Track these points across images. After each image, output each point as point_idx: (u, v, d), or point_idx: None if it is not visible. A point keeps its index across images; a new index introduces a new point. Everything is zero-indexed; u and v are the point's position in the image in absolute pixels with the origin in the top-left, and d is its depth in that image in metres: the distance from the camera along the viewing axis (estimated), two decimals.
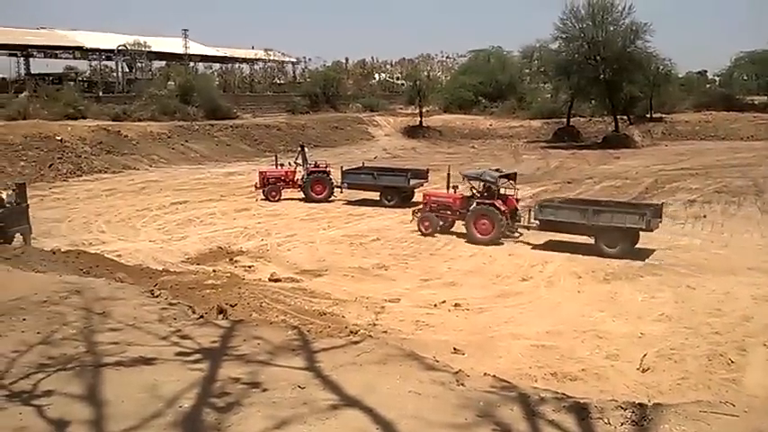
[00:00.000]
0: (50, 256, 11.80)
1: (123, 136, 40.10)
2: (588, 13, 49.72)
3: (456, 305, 13.56)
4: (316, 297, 13.83)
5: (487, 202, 19.57)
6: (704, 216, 22.82)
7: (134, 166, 37.35)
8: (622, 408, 4.62)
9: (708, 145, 48.80)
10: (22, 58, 58.92)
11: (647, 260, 16.94)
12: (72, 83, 53.94)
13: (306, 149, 28.21)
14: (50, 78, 54.54)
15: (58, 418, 4.18)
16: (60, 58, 62.48)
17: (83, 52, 58.54)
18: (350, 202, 26.18)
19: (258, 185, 26.93)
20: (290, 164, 27.67)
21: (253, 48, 72.90)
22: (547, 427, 4.34)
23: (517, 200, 20.61)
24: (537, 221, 19.10)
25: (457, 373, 5.27)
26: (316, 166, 27.16)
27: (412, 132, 57.48)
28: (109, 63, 61.16)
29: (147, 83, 53.79)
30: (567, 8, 50.19)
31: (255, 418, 4.26)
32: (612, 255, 17.42)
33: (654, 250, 17.85)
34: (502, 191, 20.08)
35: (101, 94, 51.69)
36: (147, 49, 57.96)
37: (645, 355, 10.41)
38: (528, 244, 19.26)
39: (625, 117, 54.30)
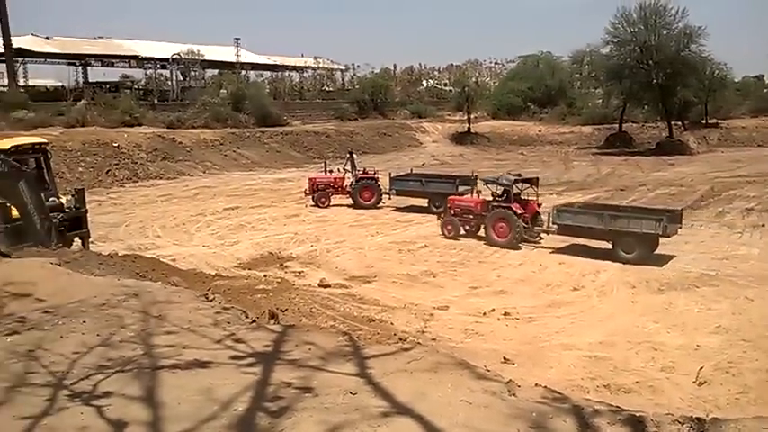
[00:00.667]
0: (108, 260, 12.14)
1: (178, 143, 41.12)
2: (640, 16, 48.84)
3: (505, 314, 13.47)
4: (365, 303, 13.91)
5: (504, 205, 19.95)
6: (762, 225, 22.10)
7: (188, 172, 38.22)
8: (679, 422, 4.50)
9: (765, 152, 47.28)
10: (80, 67, 61.02)
11: (702, 270, 16.48)
12: (128, 91, 55.51)
13: (354, 156, 28.40)
14: (107, 86, 56.27)
15: (117, 418, 4.30)
16: (117, 66, 64.43)
17: (138, 61, 60.25)
18: (398, 209, 26.26)
19: (308, 192, 27.25)
20: (338, 170, 27.91)
21: (302, 55, 73.94)
22: None
23: (539, 204, 20.82)
24: (555, 226, 19.35)
25: (508, 382, 5.21)
26: (364, 172, 27.36)
27: (460, 139, 57.29)
28: (164, 72, 62.92)
29: (201, 91, 55.02)
30: (618, 12, 49.50)
31: (308, 423, 4.30)
32: (629, 260, 17.50)
33: (706, 260, 17.40)
34: (524, 196, 20.60)
35: (156, 101, 53.08)
36: (201, 58, 59.27)
37: (701, 368, 10.14)
38: (548, 248, 19.43)
39: (679, 123, 53.03)
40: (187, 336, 6.09)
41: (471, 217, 21.02)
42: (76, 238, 16.07)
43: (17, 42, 47.62)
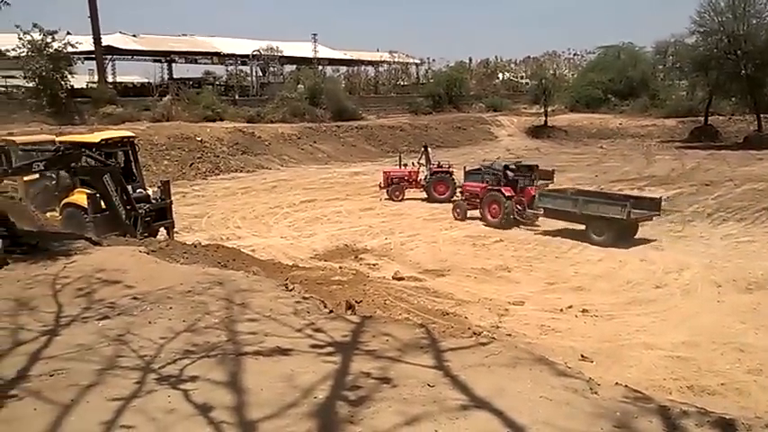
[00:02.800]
0: (192, 249, 12.56)
1: (257, 137, 42.13)
2: (728, 5, 46.39)
3: (583, 311, 13.17)
4: (438, 297, 13.88)
5: (496, 188, 22.19)
6: None
7: (266, 165, 39.12)
8: None
9: None
10: (165, 64, 63.25)
11: None
12: (210, 87, 57.09)
13: (429, 150, 28.35)
14: (191, 83, 58.11)
15: (203, 402, 4.45)
16: (200, 63, 66.36)
17: (220, 58, 61.82)
18: None
19: (382, 185, 27.40)
20: (413, 164, 27.92)
21: (378, 50, 74.06)
22: None
23: (537, 188, 22.69)
24: (541, 209, 21.07)
25: (590, 380, 5.09)
26: (438, 166, 27.24)
27: (536, 132, 56.21)
28: (244, 68, 64.26)
29: (279, 86, 56.02)
30: (705, 1, 47.21)
31: (387, 414, 4.33)
32: (599, 243, 18.96)
33: None
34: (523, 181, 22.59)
35: (237, 97, 54.40)
36: (279, 54, 60.32)
37: None
38: (537, 227, 21.38)
39: None
40: (269, 324, 6.24)
41: (477, 201, 23.02)
42: (162, 228, 16.72)
43: (106, 40, 49.72)
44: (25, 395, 4.50)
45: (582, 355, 10.26)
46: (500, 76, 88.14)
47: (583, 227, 19.77)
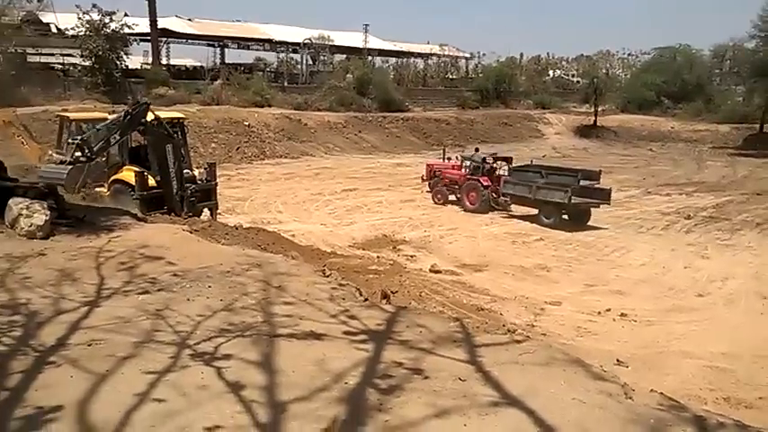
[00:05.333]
0: (233, 231, 12.74)
1: (303, 124, 42.44)
2: None
3: (622, 315, 12.93)
4: (474, 292, 13.80)
5: (474, 178, 24.00)
6: None
7: (311, 152, 39.39)
8: None
9: None
10: (218, 49, 64.15)
11: None
12: (261, 73, 57.70)
13: (479, 149, 28.32)
14: (242, 68, 58.80)
15: (235, 380, 4.49)
16: (251, 49, 67.12)
17: (272, 44, 62.40)
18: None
19: (425, 178, 27.29)
20: (456, 158, 27.73)
21: (428, 42, 73.73)
22: None
23: None
24: (506, 195, 23.11)
25: (624, 385, 4.98)
26: (483, 161, 26.98)
27: (585, 132, 55.27)
28: (294, 55, 64.72)
29: (328, 75, 56.31)
30: (767, 4, 45.70)
31: (416, 404, 4.31)
32: (548, 225, 21.14)
33: None
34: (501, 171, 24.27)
35: (286, 84, 54.86)
36: (330, 43, 60.58)
37: None
38: (513, 217, 22.66)
39: None
40: (304, 308, 6.27)
41: (457, 187, 24.81)
42: (206, 209, 16.96)
43: (162, 23, 50.66)
44: (63, 362, 4.62)
45: (618, 360, 10.06)
46: (551, 73, 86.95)
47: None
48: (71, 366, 4.56)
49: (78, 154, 12.87)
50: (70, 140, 13.92)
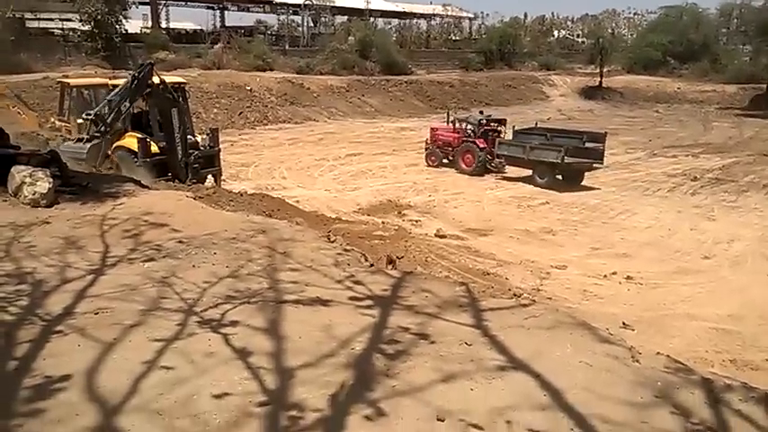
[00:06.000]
0: (238, 197, 12.70)
1: (306, 88, 42.07)
2: None
3: (628, 278, 12.93)
4: (480, 256, 13.79)
5: (471, 140, 24.08)
6: None
7: (314, 117, 39.13)
8: None
9: None
10: (218, 11, 63.32)
11: None
12: (261, 36, 57.03)
13: (483, 112, 28.06)
14: (242, 31, 58.11)
15: (242, 347, 4.50)
16: (252, 11, 66.25)
17: (272, 6, 61.56)
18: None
19: (429, 141, 27.10)
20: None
21: (431, 2, 72.67)
22: (733, 416, 3.99)
23: None
24: (501, 157, 23.36)
25: (632, 348, 4.98)
26: (487, 124, 26.78)
27: (590, 93, 54.78)
28: (295, 18, 63.95)
29: (330, 37, 55.67)
30: None
31: (423, 369, 4.32)
32: (542, 185, 21.51)
33: None
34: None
35: (287, 47, 54.27)
36: (331, 4, 59.75)
37: None
38: (508, 179, 22.82)
39: None
40: (309, 274, 6.26)
41: (450, 149, 24.77)
42: (209, 176, 16.90)
43: None
44: (70, 331, 4.62)
45: (624, 323, 10.07)
46: (555, 33, 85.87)
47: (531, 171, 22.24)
48: (78, 335, 4.57)
49: (94, 129, 12.88)
50: (84, 116, 13.84)
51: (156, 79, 14.79)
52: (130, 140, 15.87)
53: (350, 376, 4.18)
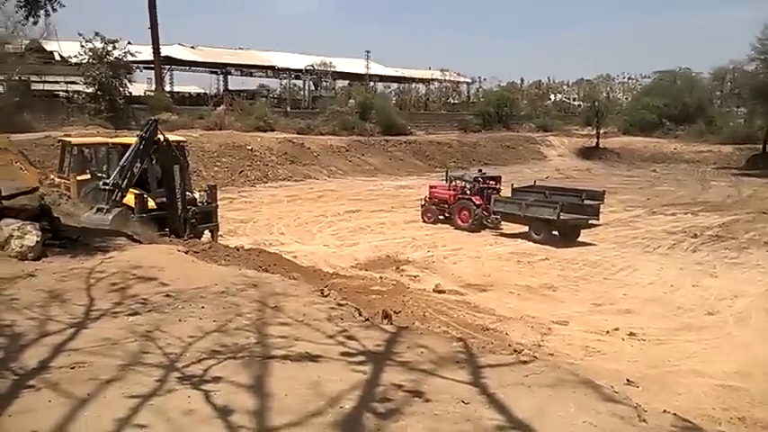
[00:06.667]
0: (234, 252, 12.52)
1: (306, 148, 42.45)
2: None
3: (631, 334, 12.67)
4: (479, 312, 13.55)
5: (466, 197, 24.40)
6: None
7: (314, 175, 39.33)
8: None
9: None
10: (221, 75, 64.49)
11: None
12: (264, 99, 57.93)
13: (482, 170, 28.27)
14: (245, 94, 59.06)
15: (223, 405, 4.23)
16: (255, 76, 67.55)
17: (274, 71, 62.76)
18: None
19: (427, 199, 27.10)
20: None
21: (429, 68, 73.99)
22: None
23: None
24: (497, 213, 23.36)
25: (638, 407, 4.70)
26: (484, 182, 26.84)
27: (587, 153, 55.26)
28: (297, 82, 65.09)
29: (331, 100, 56.53)
30: (766, 28, 45.82)
31: (416, 429, 4.04)
32: (538, 241, 21.53)
33: None
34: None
35: (288, 109, 54.99)
36: (332, 69, 60.89)
37: None
38: (506, 236, 22.85)
39: None
40: (300, 328, 6.02)
41: (447, 206, 24.94)
42: (206, 231, 16.80)
43: (165, 51, 51.00)
44: (43, 386, 4.35)
45: (628, 380, 9.76)
46: (552, 97, 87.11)
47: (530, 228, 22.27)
48: (51, 390, 4.30)
49: (112, 197, 13.02)
50: (101, 185, 14.05)
51: (159, 137, 14.94)
52: (128, 196, 15.80)
53: None
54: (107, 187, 13.60)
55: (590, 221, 22.52)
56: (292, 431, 3.95)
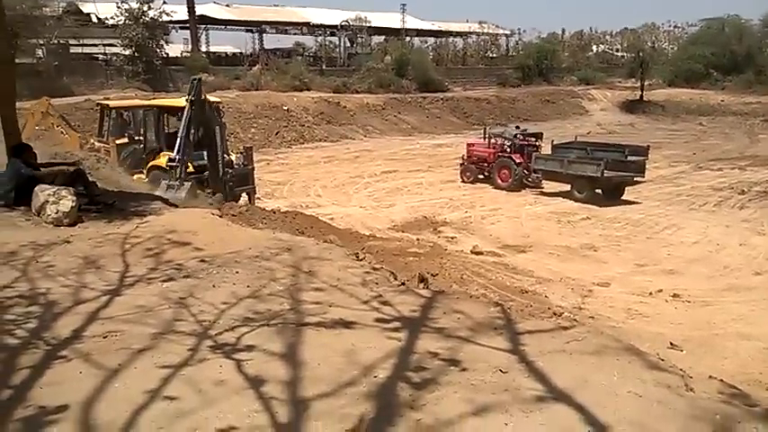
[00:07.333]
0: (271, 215, 12.50)
1: (342, 107, 42.13)
2: None
3: (675, 295, 12.32)
4: (518, 274, 13.34)
5: (507, 155, 23.75)
6: None
7: (350, 135, 39.09)
8: None
9: None
10: (256, 34, 64.21)
11: None
12: (299, 57, 57.58)
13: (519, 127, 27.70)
14: (280, 53, 58.79)
15: (255, 375, 4.15)
16: (290, 33, 67.02)
17: (310, 28, 62.18)
18: None
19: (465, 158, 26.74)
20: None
21: (467, 21, 72.42)
22: None
23: None
24: (538, 172, 22.73)
25: (685, 375, 4.48)
26: (524, 139, 26.29)
27: (631, 107, 53.71)
28: (332, 38, 64.51)
29: (366, 57, 55.88)
30: None
31: (452, 400, 3.90)
32: (581, 200, 20.94)
33: None
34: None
35: (324, 67, 54.62)
36: (368, 25, 60.07)
37: None
38: (547, 195, 22.37)
39: None
40: (334, 294, 5.91)
41: (486, 165, 24.42)
42: (243, 194, 16.82)
43: (200, 9, 50.99)
44: (74, 357, 4.33)
45: (671, 343, 9.50)
46: (594, 48, 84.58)
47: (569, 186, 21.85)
48: (82, 361, 4.27)
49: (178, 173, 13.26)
50: (167, 164, 14.28)
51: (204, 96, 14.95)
52: (165, 160, 15.87)
53: (371, 408, 3.78)
54: (173, 164, 13.79)
55: (635, 179, 21.87)
56: (325, 402, 3.85)
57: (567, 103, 54.53)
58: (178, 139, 14.16)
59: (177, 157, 13.93)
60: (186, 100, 14.64)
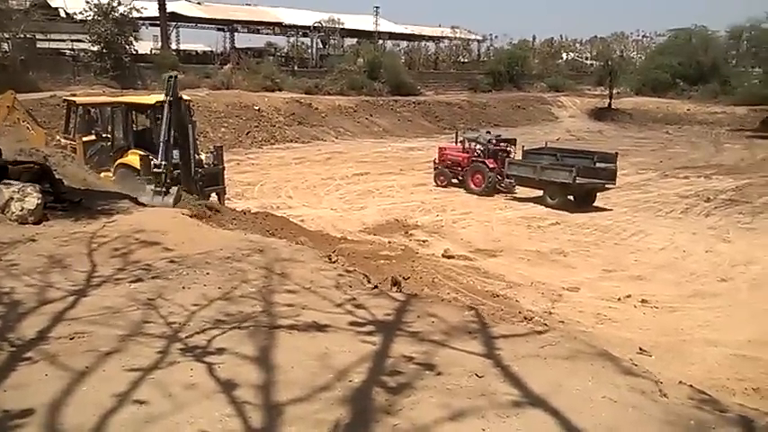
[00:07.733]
0: (241, 216, 12.39)
1: (314, 108, 41.91)
2: None
3: (643, 301, 12.48)
4: (489, 278, 13.37)
5: (480, 160, 23.80)
6: None
7: (322, 137, 38.92)
8: None
9: None
10: (228, 33, 63.56)
11: None
12: (271, 57, 57.14)
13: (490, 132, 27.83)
14: (252, 52, 58.28)
15: (227, 378, 4.06)
16: (262, 33, 66.44)
17: (282, 28, 61.76)
18: None
19: (437, 161, 26.78)
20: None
21: (440, 25, 72.74)
22: None
23: None
24: (511, 177, 22.93)
25: (659, 382, 4.51)
26: (496, 145, 26.47)
27: (599, 114, 54.46)
28: (305, 39, 64.19)
29: (339, 59, 55.68)
30: None
31: (428, 405, 3.87)
32: (553, 205, 20.99)
33: None
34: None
35: (296, 68, 54.29)
36: (341, 26, 59.91)
37: None
38: (518, 200, 22.53)
39: None
40: (307, 296, 5.84)
41: (460, 169, 24.39)
42: (213, 194, 16.58)
43: (171, 6, 50.28)
44: (40, 358, 4.19)
45: (640, 348, 9.61)
46: (564, 55, 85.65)
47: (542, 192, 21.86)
48: (48, 363, 4.14)
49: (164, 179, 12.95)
50: (154, 170, 13.93)
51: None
52: (133, 158, 15.61)
53: (346, 413, 3.73)
54: (157, 171, 13.51)
55: (606, 185, 22.09)
56: (299, 407, 3.78)
57: (537, 109, 55.09)
58: (161, 144, 13.86)
59: (163, 162, 13.64)
60: (165, 101, 14.32)
